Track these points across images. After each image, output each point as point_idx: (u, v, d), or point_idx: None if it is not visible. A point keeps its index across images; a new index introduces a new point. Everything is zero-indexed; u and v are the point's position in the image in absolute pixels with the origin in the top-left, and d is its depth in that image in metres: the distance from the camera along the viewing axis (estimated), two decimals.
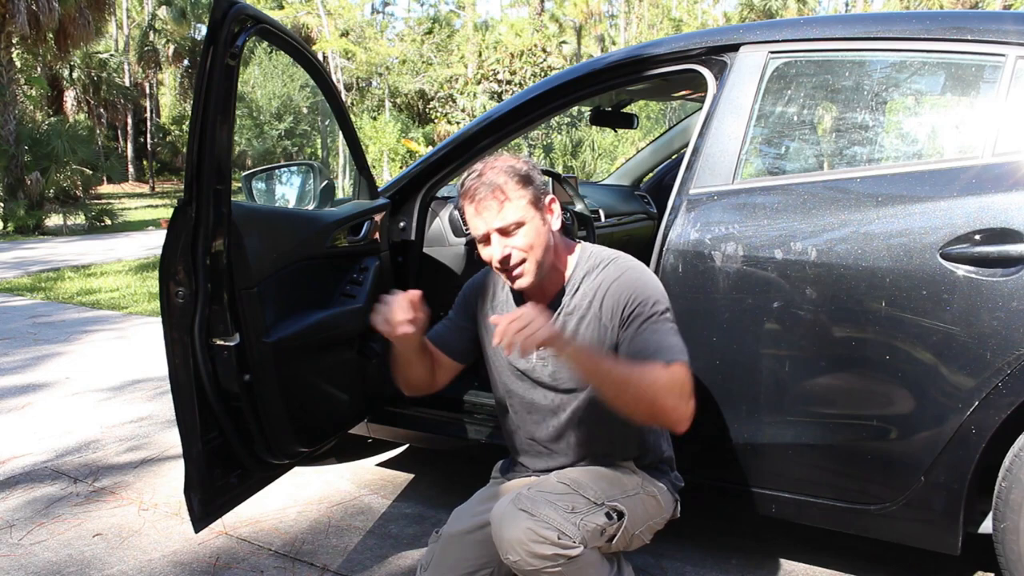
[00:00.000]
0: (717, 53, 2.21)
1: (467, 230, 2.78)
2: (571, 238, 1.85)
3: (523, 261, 1.65)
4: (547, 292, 1.73)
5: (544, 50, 22.07)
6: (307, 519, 2.58)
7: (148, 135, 33.05)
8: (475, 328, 1.87)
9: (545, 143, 19.60)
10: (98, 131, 25.96)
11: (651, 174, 4.42)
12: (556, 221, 1.71)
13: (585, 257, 1.74)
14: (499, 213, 1.63)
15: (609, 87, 2.49)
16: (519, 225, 1.63)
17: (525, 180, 1.65)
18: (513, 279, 1.67)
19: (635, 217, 3.83)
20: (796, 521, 2.06)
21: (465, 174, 1.69)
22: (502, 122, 2.55)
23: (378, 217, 2.54)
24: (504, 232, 1.64)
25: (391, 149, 24.51)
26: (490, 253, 1.67)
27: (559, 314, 1.72)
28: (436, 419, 2.58)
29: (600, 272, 1.69)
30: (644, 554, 2.20)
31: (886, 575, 2.21)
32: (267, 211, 2.42)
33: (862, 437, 1.93)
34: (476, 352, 1.89)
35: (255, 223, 2.05)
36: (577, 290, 1.70)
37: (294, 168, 2.91)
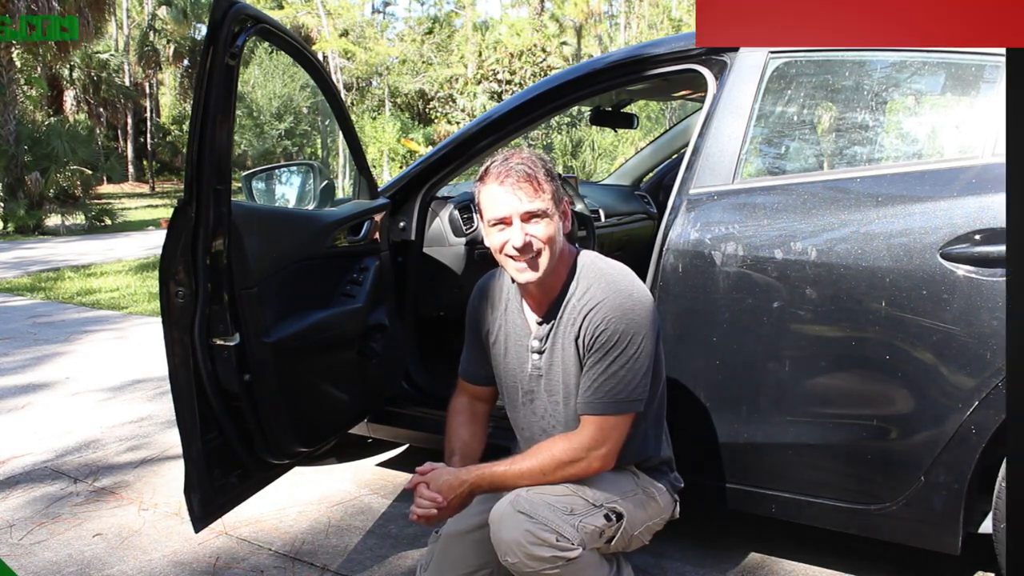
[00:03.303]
0: (717, 53, 2.21)
1: (467, 230, 2.79)
2: (571, 239, 1.84)
3: (540, 252, 1.64)
4: (548, 295, 1.73)
5: (544, 50, 22.06)
6: (307, 519, 2.58)
7: (148, 135, 32.99)
8: (487, 349, 1.87)
9: (545, 143, 19.58)
10: (98, 131, 25.94)
11: (651, 174, 4.42)
12: (567, 225, 1.71)
13: (582, 267, 1.72)
14: (529, 198, 1.62)
15: (609, 87, 2.49)
16: (544, 215, 1.63)
17: (550, 176, 1.66)
18: (524, 270, 1.65)
19: (635, 217, 3.83)
20: (796, 521, 2.06)
21: (488, 161, 1.69)
22: (502, 122, 2.56)
23: (378, 217, 2.54)
24: (529, 217, 1.63)
25: (391, 149, 24.49)
26: (504, 238, 1.64)
27: (555, 323, 1.72)
28: (436, 419, 2.57)
29: (590, 291, 1.67)
30: (644, 554, 2.19)
31: (886, 575, 2.21)
32: (267, 211, 2.42)
33: (862, 437, 1.93)
34: None
35: (255, 223, 2.05)
36: (570, 303, 1.70)
37: (294, 168, 2.91)
